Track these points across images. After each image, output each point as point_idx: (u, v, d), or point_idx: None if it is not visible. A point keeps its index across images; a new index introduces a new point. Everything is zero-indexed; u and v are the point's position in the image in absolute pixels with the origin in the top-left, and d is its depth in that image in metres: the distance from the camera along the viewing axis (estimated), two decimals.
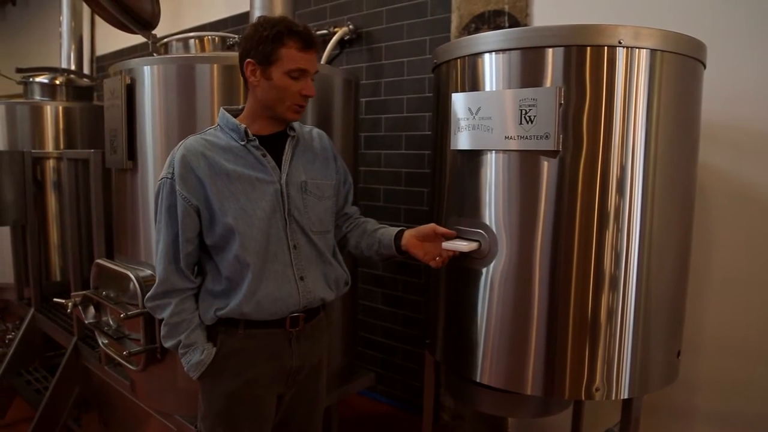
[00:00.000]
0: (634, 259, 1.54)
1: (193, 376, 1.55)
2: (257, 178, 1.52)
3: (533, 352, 1.59)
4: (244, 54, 1.50)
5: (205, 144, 1.52)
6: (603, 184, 1.49)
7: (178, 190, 1.49)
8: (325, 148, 1.71)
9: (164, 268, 1.53)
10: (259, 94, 1.51)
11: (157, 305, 1.57)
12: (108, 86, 1.99)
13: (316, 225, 1.61)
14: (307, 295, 1.58)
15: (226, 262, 1.52)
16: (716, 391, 2.25)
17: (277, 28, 1.45)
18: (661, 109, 1.52)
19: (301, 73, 1.49)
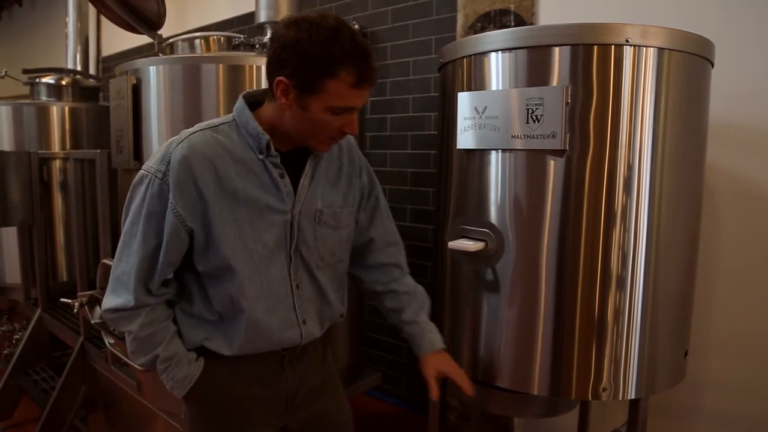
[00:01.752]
0: (641, 259, 1.53)
1: (178, 393, 1.31)
2: (267, 205, 1.26)
3: (540, 352, 1.58)
4: (277, 66, 1.17)
5: (217, 147, 1.23)
6: (610, 183, 1.48)
7: (171, 203, 1.19)
8: (353, 161, 1.45)
9: (132, 288, 1.24)
10: (288, 118, 1.22)
11: (120, 317, 1.27)
12: (114, 86, 1.99)
13: (326, 258, 1.39)
14: (308, 337, 1.38)
15: (219, 297, 1.28)
16: (724, 391, 2.24)
17: (330, 50, 1.12)
18: (668, 108, 1.51)
19: (347, 110, 1.22)
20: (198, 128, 1.26)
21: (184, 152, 1.20)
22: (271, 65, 1.20)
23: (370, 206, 1.52)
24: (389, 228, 1.55)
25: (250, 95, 1.31)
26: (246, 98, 1.30)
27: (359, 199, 1.48)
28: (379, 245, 1.53)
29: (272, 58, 1.19)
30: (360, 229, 1.51)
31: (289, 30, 1.15)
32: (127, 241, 1.26)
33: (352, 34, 1.16)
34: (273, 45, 1.19)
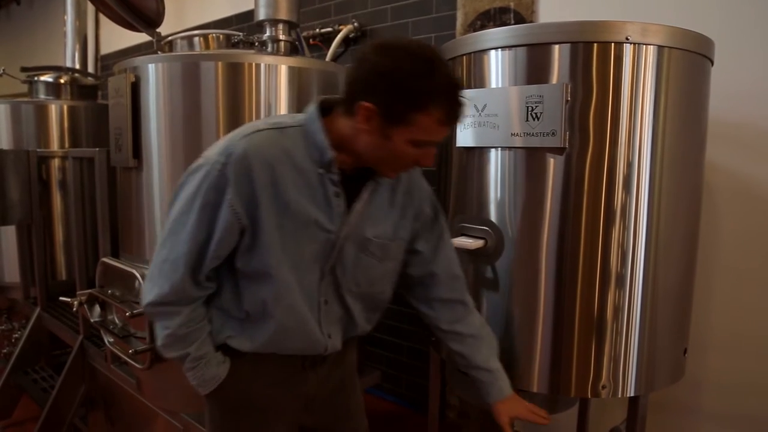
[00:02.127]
0: (641, 257, 1.53)
1: (203, 391, 1.33)
2: (316, 221, 1.23)
3: (539, 349, 1.59)
4: (363, 90, 1.12)
5: (279, 151, 1.19)
6: (609, 181, 1.48)
7: (228, 197, 1.16)
8: (411, 192, 1.38)
9: (180, 277, 1.21)
10: (364, 142, 1.18)
11: (163, 312, 1.26)
12: (112, 84, 1.99)
13: (362, 286, 1.36)
14: (332, 350, 1.37)
15: (252, 298, 1.27)
16: (723, 389, 2.24)
17: (425, 84, 1.09)
18: (668, 106, 1.51)
19: (429, 144, 1.19)
20: (266, 125, 1.22)
21: (246, 149, 1.17)
22: (355, 86, 1.15)
23: (434, 237, 1.45)
24: (453, 261, 1.49)
25: (326, 101, 1.26)
26: (320, 104, 1.25)
27: (420, 229, 1.43)
28: (443, 279, 1.47)
29: (358, 81, 1.15)
30: (423, 260, 1.45)
31: (382, 56, 1.11)
32: (175, 228, 1.22)
33: (447, 68, 1.14)
34: (361, 68, 1.15)
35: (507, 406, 1.50)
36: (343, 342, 1.41)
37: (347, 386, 1.54)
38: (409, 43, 1.13)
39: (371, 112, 1.13)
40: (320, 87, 1.94)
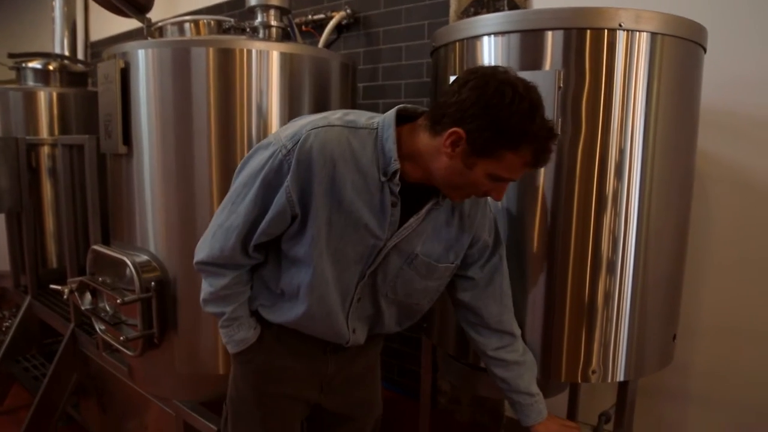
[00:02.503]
0: (632, 244, 1.54)
1: (232, 350, 1.39)
2: (366, 225, 1.23)
3: (530, 334, 1.60)
4: (459, 116, 1.11)
5: (346, 151, 1.19)
6: (601, 168, 1.49)
7: (287, 183, 1.18)
8: (472, 217, 1.37)
9: (231, 245, 1.26)
10: (442, 164, 1.16)
11: (210, 272, 1.32)
12: (102, 70, 1.96)
13: (399, 295, 1.37)
14: (354, 343, 1.41)
15: (289, 280, 1.30)
16: (711, 375, 2.26)
17: (524, 126, 1.09)
18: (660, 93, 1.51)
19: (505, 180, 1.19)
20: (340, 122, 1.22)
21: (314, 142, 1.17)
22: (450, 110, 1.13)
23: (490, 267, 1.44)
24: (506, 294, 1.48)
25: (405, 110, 1.25)
26: (399, 112, 1.24)
27: (475, 256, 1.42)
28: (493, 310, 1.46)
29: (455, 104, 1.12)
30: (474, 287, 1.45)
31: (487, 88, 1.09)
32: (234, 198, 1.27)
33: (544, 113, 1.14)
34: (462, 92, 1.12)
35: (545, 428, 1.53)
36: (368, 337, 1.44)
37: (366, 377, 1.58)
38: (517, 80, 1.11)
39: (460, 139, 1.12)
40: (312, 74, 1.93)
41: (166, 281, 1.90)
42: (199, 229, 1.85)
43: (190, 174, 1.84)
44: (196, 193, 1.84)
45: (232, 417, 1.47)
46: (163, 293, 1.90)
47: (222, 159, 1.83)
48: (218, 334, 1.87)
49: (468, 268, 1.43)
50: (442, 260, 1.36)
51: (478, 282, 1.44)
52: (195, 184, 1.84)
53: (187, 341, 1.92)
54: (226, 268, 1.31)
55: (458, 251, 1.38)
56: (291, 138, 1.19)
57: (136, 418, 2.31)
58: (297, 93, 1.91)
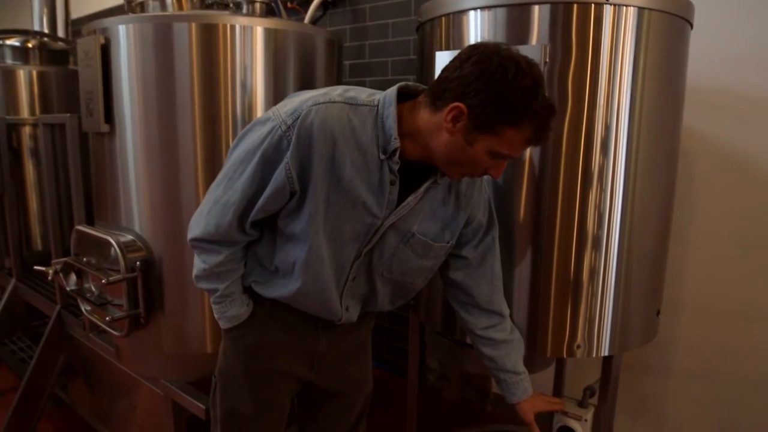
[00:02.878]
0: (617, 219, 1.55)
1: (224, 326, 1.39)
2: (364, 203, 1.22)
3: (516, 310, 1.61)
4: (461, 90, 1.10)
5: (346, 128, 1.17)
6: (587, 143, 1.49)
7: (287, 159, 1.16)
8: (469, 196, 1.36)
9: (228, 221, 1.25)
10: (442, 140, 1.16)
11: (205, 248, 1.31)
12: (81, 47, 1.92)
13: (394, 274, 1.37)
14: (346, 321, 1.41)
15: (284, 256, 1.29)
16: (693, 350, 2.30)
17: (526, 101, 1.08)
18: (647, 68, 1.51)
19: (505, 159, 1.19)
20: (341, 98, 1.19)
21: (315, 118, 1.15)
22: (452, 85, 1.12)
23: (484, 246, 1.45)
24: (497, 275, 1.50)
25: (407, 87, 1.24)
26: (400, 90, 1.22)
27: (469, 235, 1.42)
28: (484, 289, 1.48)
29: (457, 78, 1.11)
30: (467, 267, 1.46)
31: (489, 63, 1.08)
32: (231, 174, 1.24)
33: (545, 90, 1.14)
34: (464, 67, 1.11)
35: (530, 404, 1.56)
36: (360, 314, 1.45)
37: (357, 354, 1.59)
38: (519, 56, 1.10)
39: (462, 114, 1.11)
40: (297, 49, 1.90)
41: (151, 261, 1.88)
42: (184, 207, 1.83)
43: (174, 152, 1.82)
44: (181, 172, 1.82)
45: (220, 390, 1.47)
46: (148, 273, 1.88)
47: (206, 136, 1.80)
48: (206, 314, 1.89)
49: (462, 248, 1.44)
50: (438, 239, 1.36)
51: (471, 261, 1.45)
52: (179, 162, 1.82)
53: (174, 321, 1.92)
54: (221, 245, 1.30)
55: (454, 230, 1.38)
56: (291, 113, 1.17)
57: (125, 398, 2.31)
58: (282, 70, 1.88)
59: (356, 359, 1.59)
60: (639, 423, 2.49)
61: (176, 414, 2.05)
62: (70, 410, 2.77)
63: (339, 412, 1.60)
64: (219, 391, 1.48)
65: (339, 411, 1.60)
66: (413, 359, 2.10)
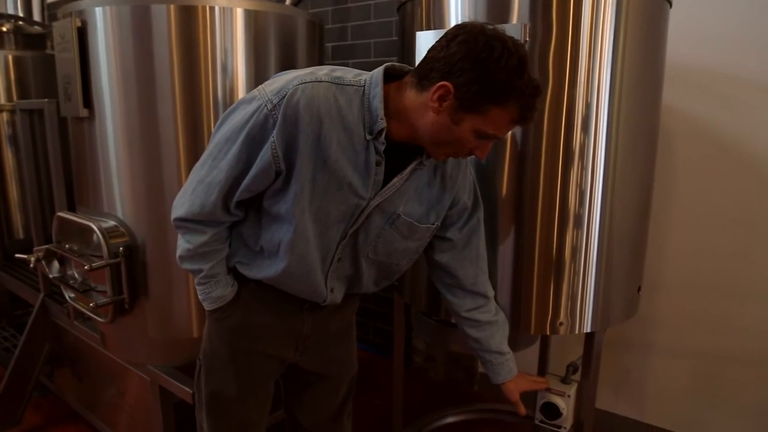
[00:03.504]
0: (598, 197, 1.56)
1: (208, 307, 1.38)
2: (350, 184, 1.22)
3: (500, 289, 1.62)
4: (447, 69, 1.11)
5: (332, 108, 1.16)
6: (568, 122, 1.50)
7: (273, 138, 1.15)
8: (454, 178, 1.37)
9: (213, 201, 1.24)
10: (428, 120, 1.16)
11: (189, 228, 1.29)
12: (58, 30, 1.89)
13: (380, 255, 1.37)
14: (331, 302, 1.41)
15: (269, 236, 1.29)
16: (674, 326, 2.35)
17: (512, 81, 1.09)
18: (626, 47, 1.51)
19: (490, 138, 1.19)
20: (327, 77, 1.18)
21: (301, 97, 1.14)
22: (438, 64, 1.12)
23: (468, 229, 1.45)
24: (482, 257, 1.51)
25: (393, 68, 1.23)
26: (386, 70, 1.22)
27: (454, 217, 1.43)
28: (469, 271, 1.49)
29: (444, 60, 1.11)
30: (452, 249, 1.46)
31: (476, 43, 1.09)
32: (216, 154, 1.23)
33: (531, 70, 1.14)
34: (450, 46, 1.11)
35: (515, 384, 1.59)
36: (345, 296, 1.45)
37: (342, 336, 1.59)
38: (505, 37, 1.10)
39: (448, 94, 1.11)
40: (278, 31, 1.88)
41: (134, 246, 1.87)
42: (167, 191, 1.82)
43: (155, 136, 1.80)
44: (163, 155, 1.81)
45: (205, 373, 1.48)
46: (132, 258, 1.87)
47: (188, 119, 1.79)
48: (191, 298, 1.89)
49: (447, 230, 1.44)
50: (423, 221, 1.36)
51: (456, 243, 1.45)
52: (161, 145, 1.80)
53: (159, 306, 1.91)
54: (205, 224, 1.29)
55: (439, 212, 1.38)
56: (277, 93, 1.16)
57: (112, 384, 2.30)
58: (263, 52, 1.86)
59: (341, 341, 1.60)
60: (621, 398, 2.54)
61: (164, 399, 2.05)
62: (57, 398, 2.77)
63: (325, 394, 1.61)
64: (204, 374, 1.48)
65: (325, 393, 1.61)
66: (399, 340, 2.12)
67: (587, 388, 1.75)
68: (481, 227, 1.49)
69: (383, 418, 2.58)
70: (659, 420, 2.47)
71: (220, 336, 1.44)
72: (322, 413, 1.63)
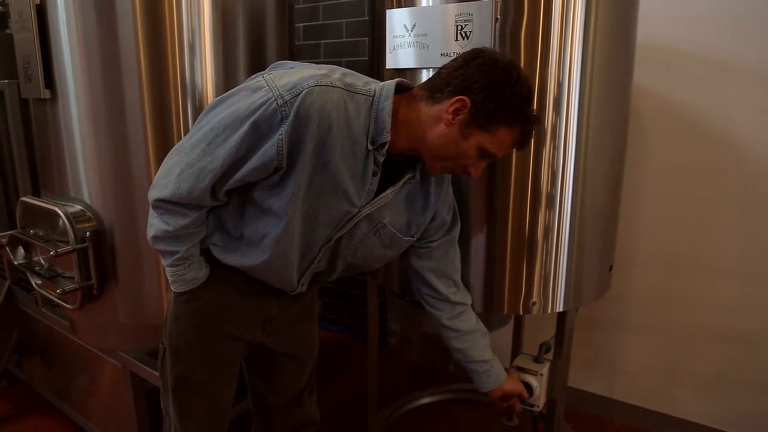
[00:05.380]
0: (570, 177, 1.57)
1: (177, 289, 1.35)
2: (345, 191, 1.23)
3: (473, 270, 1.63)
4: (466, 84, 1.17)
5: (341, 115, 1.16)
6: (540, 101, 1.49)
7: (281, 134, 1.13)
8: (437, 195, 1.40)
9: (203, 188, 1.20)
10: (437, 131, 1.20)
11: (171, 210, 1.25)
12: (15, 8, 1.81)
13: (357, 258, 1.39)
14: (299, 291, 1.42)
15: (253, 227, 1.27)
16: (646, 304, 2.39)
17: (522, 107, 1.19)
18: (598, 26, 1.51)
19: (489, 158, 1.25)
20: (341, 83, 1.18)
21: (316, 100, 1.13)
22: (456, 79, 1.18)
23: (445, 243, 1.49)
24: (457, 267, 1.55)
25: (401, 83, 1.25)
26: (398, 85, 1.24)
27: (432, 230, 1.46)
28: (444, 282, 1.53)
29: (462, 75, 1.18)
30: (431, 258, 1.49)
31: (496, 66, 1.18)
32: (212, 139, 1.18)
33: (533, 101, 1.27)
34: (470, 65, 1.19)
35: (503, 392, 1.63)
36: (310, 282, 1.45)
37: (306, 315, 1.62)
38: (519, 68, 1.21)
39: (464, 107, 1.17)
40: (246, 10, 1.84)
41: (102, 231, 1.83)
42: (135, 174, 1.78)
43: (122, 117, 1.75)
44: (130, 137, 1.76)
45: (171, 357, 1.45)
46: (99, 243, 1.83)
47: (155, 101, 1.74)
48: (161, 282, 1.86)
49: (424, 240, 1.47)
50: (404, 233, 1.39)
51: (433, 254, 1.49)
52: (127, 127, 1.75)
53: (128, 291, 1.88)
54: (189, 208, 1.25)
55: (420, 225, 1.41)
56: (290, 89, 1.13)
57: (83, 372, 2.27)
58: (231, 31, 1.81)
59: (305, 320, 1.62)
60: (594, 376, 2.59)
61: (135, 385, 2.03)
62: (27, 387, 2.72)
63: (291, 374, 1.63)
64: (169, 358, 1.46)
65: (291, 373, 1.63)
66: (372, 321, 2.11)
67: (560, 367, 1.77)
68: (456, 243, 1.53)
69: (358, 399, 2.59)
70: (630, 397, 2.53)
71: (188, 318, 1.41)
72: (288, 392, 1.65)
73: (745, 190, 2.12)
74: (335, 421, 2.52)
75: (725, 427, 2.33)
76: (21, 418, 2.55)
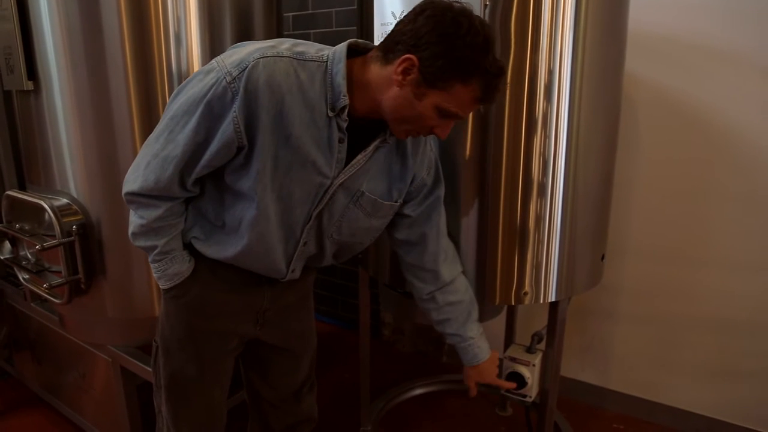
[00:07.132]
0: (561, 166, 1.55)
1: (163, 285, 1.35)
2: (313, 162, 1.19)
3: (465, 260, 1.61)
4: (413, 42, 1.09)
5: (294, 84, 1.13)
6: (531, 89, 1.47)
7: (234, 113, 1.11)
8: (415, 155, 1.35)
9: (168, 176, 1.19)
10: (391, 94, 1.14)
11: (142, 203, 1.24)
12: None
13: (344, 235, 1.35)
14: (290, 278, 1.39)
15: (232, 212, 1.25)
16: (638, 293, 2.38)
17: (477, 59, 1.08)
18: (589, 12, 1.49)
19: (451, 118, 1.18)
20: (288, 53, 1.14)
21: (262, 72, 1.10)
22: (405, 37, 1.11)
23: (428, 205, 1.44)
24: (443, 232, 1.50)
25: (356, 44, 1.21)
26: (350, 46, 1.19)
27: (413, 194, 1.41)
28: (431, 248, 1.47)
29: (411, 33, 1.10)
30: (414, 224, 1.45)
31: (445, 18, 1.08)
32: (172, 127, 1.17)
33: (494, 46, 1.12)
34: (417, 20, 1.10)
35: (476, 373, 1.61)
36: (303, 269, 1.43)
37: (300, 306, 1.58)
38: (473, 15, 1.10)
39: (413, 66, 1.10)
40: None
41: (89, 224, 1.80)
42: (121, 167, 1.75)
43: (107, 109, 1.72)
44: (116, 129, 1.73)
45: (163, 354, 1.44)
46: (86, 237, 1.81)
47: (141, 91, 1.71)
48: (150, 276, 1.84)
49: (405, 206, 1.43)
50: (386, 198, 1.35)
51: (416, 220, 1.44)
52: (113, 119, 1.72)
53: (117, 285, 1.86)
54: (159, 199, 1.24)
55: (401, 189, 1.37)
56: (237, 65, 1.11)
57: (74, 367, 2.25)
58: (217, 21, 1.79)
59: (300, 313, 1.58)
60: (587, 365, 2.59)
61: (126, 380, 2.01)
62: (18, 383, 2.70)
63: (287, 369, 1.60)
64: (162, 356, 1.44)
65: (287, 368, 1.60)
66: (364, 313, 2.10)
67: (552, 357, 1.77)
68: (442, 206, 1.48)
69: (352, 391, 2.58)
70: (623, 386, 2.53)
71: (178, 314, 1.40)
72: (285, 388, 1.62)
73: (738, 180, 2.12)
74: (328, 412, 2.52)
75: (717, 414, 2.34)
76: (12, 413, 2.53)
